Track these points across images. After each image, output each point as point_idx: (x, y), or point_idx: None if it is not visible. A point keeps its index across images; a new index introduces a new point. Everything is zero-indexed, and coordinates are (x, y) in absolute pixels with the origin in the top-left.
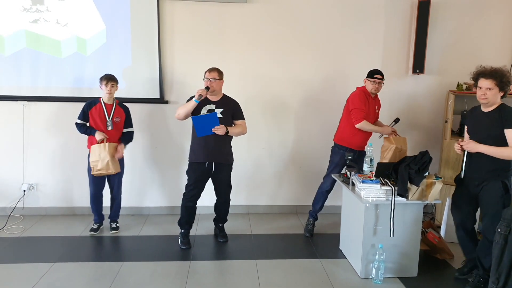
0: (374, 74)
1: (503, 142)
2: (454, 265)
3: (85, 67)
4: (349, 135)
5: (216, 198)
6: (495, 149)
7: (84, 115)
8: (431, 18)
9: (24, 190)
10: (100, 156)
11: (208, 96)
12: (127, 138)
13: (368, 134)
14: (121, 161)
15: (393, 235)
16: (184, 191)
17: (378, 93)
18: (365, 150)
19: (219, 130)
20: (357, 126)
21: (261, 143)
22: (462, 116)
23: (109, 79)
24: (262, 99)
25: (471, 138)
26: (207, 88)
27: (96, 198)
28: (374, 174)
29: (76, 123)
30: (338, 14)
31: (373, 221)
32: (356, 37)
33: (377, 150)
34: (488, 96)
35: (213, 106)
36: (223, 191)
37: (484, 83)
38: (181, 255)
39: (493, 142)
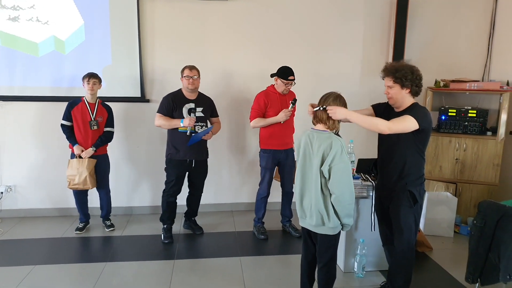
0: (288, 76)
1: (413, 144)
2: (433, 258)
3: (63, 66)
4: (264, 137)
5: (190, 192)
6: (363, 117)
7: (68, 115)
8: (409, 16)
9: (2, 192)
10: (78, 171)
11: (187, 95)
12: (104, 138)
13: (286, 131)
14: (106, 157)
15: (374, 230)
16: (164, 188)
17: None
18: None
19: (209, 137)
20: (251, 125)
21: (246, 141)
22: (439, 112)
23: (91, 76)
24: (245, 96)
25: (379, 139)
26: (193, 109)
27: (80, 197)
28: (355, 170)
29: (62, 125)
30: (319, 12)
31: (355, 216)
32: (336, 35)
33: (358, 147)
34: (392, 95)
35: (192, 105)
36: (201, 185)
37: (385, 81)
38: (165, 254)
39: (403, 145)
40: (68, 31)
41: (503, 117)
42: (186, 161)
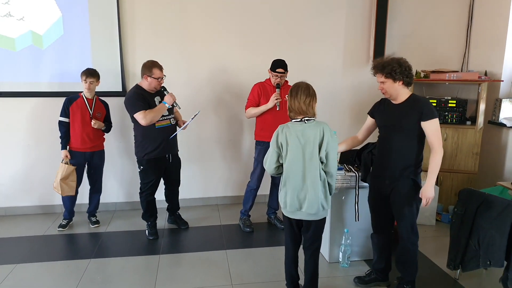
0: (276, 68)
1: (416, 134)
2: None
3: (42, 61)
4: (258, 129)
5: (169, 188)
6: (433, 171)
7: (65, 112)
8: (389, 8)
9: None
10: (58, 175)
11: (149, 90)
12: (108, 127)
13: (278, 123)
14: (102, 154)
15: (358, 220)
16: (141, 189)
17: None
18: None
19: (186, 127)
20: (246, 115)
21: (232, 134)
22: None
23: (89, 75)
24: (227, 90)
25: (381, 131)
26: (163, 87)
27: (71, 196)
28: (338, 161)
29: (60, 121)
30: (301, 4)
31: (339, 207)
32: (318, 27)
33: (341, 139)
34: (386, 90)
35: (159, 98)
36: (178, 179)
37: (377, 78)
38: (150, 249)
39: (405, 135)
40: (46, 25)
41: (482, 106)
42: (165, 157)
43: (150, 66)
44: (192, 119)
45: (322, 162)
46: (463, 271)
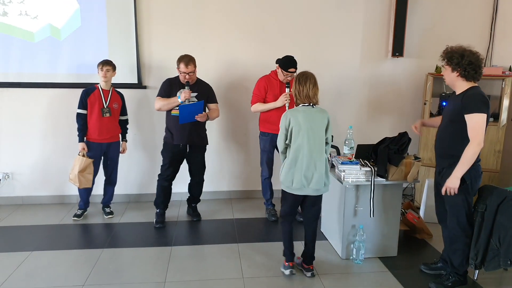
0: (288, 68)
1: (461, 126)
2: (433, 245)
3: (59, 52)
4: (262, 121)
5: (190, 178)
6: (462, 162)
7: (83, 104)
8: (409, 1)
9: None
10: (75, 168)
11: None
12: (124, 128)
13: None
14: (118, 145)
15: (373, 216)
16: (159, 171)
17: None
18: None
19: (202, 117)
20: (252, 110)
21: (244, 128)
22: (440, 98)
23: (105, 63)
24: (242, 84)
25: (442, 120)
26: (187, 82)
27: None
28: (354, 156)
29: (78, 114)
30: None
31: (354, 202)
32: (336, 21)
33: (357, 133)
34: (444, 77)
35: (181, 91)
36: (198, 171)
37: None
38: (162, 240)
39: (451, 125)
40: (64, 18)
41: (505, 102)
42: (179, 146)
43: (178, 60)
44: (191, 104)
45: (326, 143)
46: (482, 270)
